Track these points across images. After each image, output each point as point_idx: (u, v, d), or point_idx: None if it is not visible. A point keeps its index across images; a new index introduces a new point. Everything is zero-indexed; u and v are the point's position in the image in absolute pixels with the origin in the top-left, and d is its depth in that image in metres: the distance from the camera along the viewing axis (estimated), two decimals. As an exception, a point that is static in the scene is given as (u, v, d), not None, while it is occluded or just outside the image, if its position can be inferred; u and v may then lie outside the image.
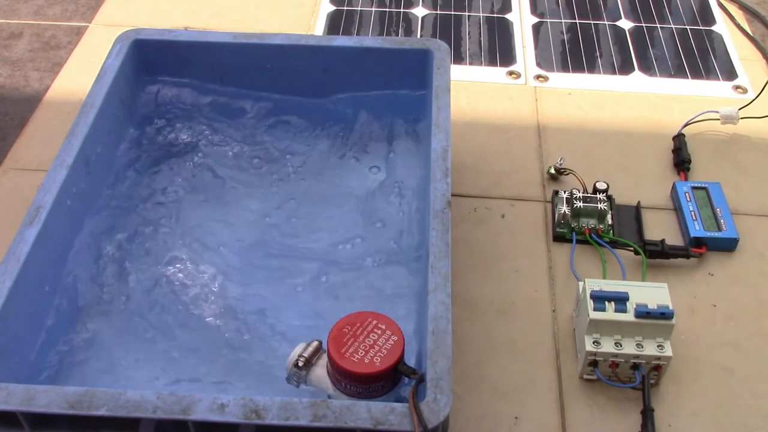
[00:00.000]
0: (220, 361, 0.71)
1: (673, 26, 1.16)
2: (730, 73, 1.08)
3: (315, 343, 0.65)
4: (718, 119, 0.98)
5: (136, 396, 0.56)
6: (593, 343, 0.70)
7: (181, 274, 0.78)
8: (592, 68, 1.08)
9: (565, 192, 0.87)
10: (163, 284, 0.77)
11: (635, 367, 0.70)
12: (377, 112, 0.90)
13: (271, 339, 0.72)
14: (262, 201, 0.85)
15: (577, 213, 0.85)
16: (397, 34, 1.13)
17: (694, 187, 0.88)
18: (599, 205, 0.85)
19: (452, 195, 0.72)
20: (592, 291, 0.71)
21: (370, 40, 0.87)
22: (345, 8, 1.18)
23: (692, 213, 0.85)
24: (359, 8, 1.19)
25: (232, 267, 0.79)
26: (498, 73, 1.07)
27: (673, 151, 0.95)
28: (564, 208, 0.85)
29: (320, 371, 0.64)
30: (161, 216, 0.82)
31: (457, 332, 0.75)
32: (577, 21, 1.17)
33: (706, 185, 0.88)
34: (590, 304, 0.70)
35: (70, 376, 0.69)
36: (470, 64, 1.09)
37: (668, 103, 1.03)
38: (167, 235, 0.81)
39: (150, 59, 0.88)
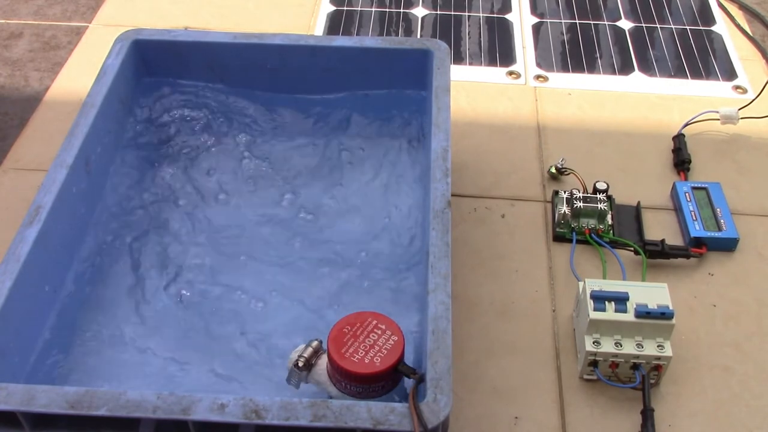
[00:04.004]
0: (224, 361, 0.71)
1: (673, 26, 1.16)
2: (730, 73, 1.08)
3: (315, 343, 0.65)
4: (718, 119, 0.98)
5: (136, 396, 0.56)
6: (593, 343, 0.70)
7: (181, 273, 0.78)
8: (592, 68, 1.08)
9: (565, 192, 0.87)
10: (165, 282, 0.77)
11: (635, 367, 0.70)
12: (377, 113, 0.90)
13: (271, 338, 0.73)
14: (262, 200, 0.85)
15: (577, 213, 0.85)
16: (397, 34, 1.13)
17: (694, 187, 0.88)
18: (599, 205, 0.85)
19: (452, 195, 0.72)
20: (592, 291, 0.71)
21: (370, 40, 0.87)
22: (345, 8, 1.18)
23: (692, 213, 0.85)
24: (359, 8, 1.19)
25: (233, 265, 0.79)
26: (498, 73, 1.08)
27: (673, 151, 0.95)
28: (564, 208, 0.85)
29: (320, 371, 0.64)
30: (161, 215, 0.82)
31: (457, 332, 0.75)
32: (577, 21, 1.17)
33: (706, 185, 0.88)
34: (590, 304, 0.70)
35: (71, 376, 0.69)
36: (470, 64, 1.09)
37: (668, 103, 1.03)
38: (167, 234, 0.81)
39: (150, 59, 0.88)
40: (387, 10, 1.18)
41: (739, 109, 0.98)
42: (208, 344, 0.72)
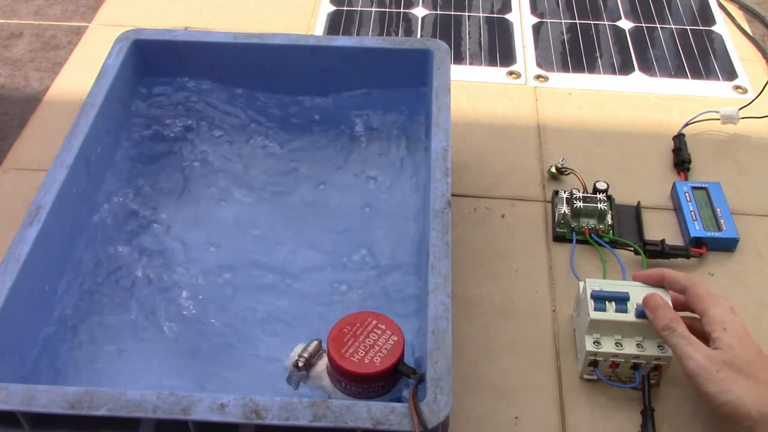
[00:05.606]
0: (222, 361, 0.71)
1: (673, 26, 1.16)
2: (730, 73, 1.08)
3: (315, 343, 0.65)
4: (718, 119, 0.98)
5: (136, 396, 0.56)
6: (593, 343, 0.70)
7: (182, 274, 0.78)
8: (592, 68, 1.08)
9: (565, 192, 0.87)
10: (165, 283, 0.77)
11: (635, 367, 0.70)
12: (377, 113, 0.90)
13: (270, 338, 0.73)
14: (262, 200, 0.85)
15: (577, 213, 0.85)
16: (397, 34, 1.13)
17: (694, 187, 0.88)
18: (599, 205, 0.85)
19: (452, 195, 0.72)
20: (592, 291, 0.71)
21: (370, 40, 0.87)
22: (345, 8, 1.18)
23: (692, 213, 0.85)
24: (359, 8, 1.19)
25: (232, 266, 0.79)
26: (498, 73, 1.08)
27: (673, 151, 0.95)
28: (564, 208, 0.85)
29: (320, 371, 0.64)
30: (161, 215, 0.83)
31: (457, 332, 0.75)
32: (577, 21, 1.17)
33: (706, 185, 0.88)
34: (590, 304, 0.70)
35: (71, 376, 0.69)
36: (470, 64, 1.09)
37: (668, 103, 1.03)
38: (167, 235, 0.81)
39: (150, 59, 0.88)
40: (387, 10, 1.18)
41: (740, 109, 0.98)
42: (211, 343, 0.72)
